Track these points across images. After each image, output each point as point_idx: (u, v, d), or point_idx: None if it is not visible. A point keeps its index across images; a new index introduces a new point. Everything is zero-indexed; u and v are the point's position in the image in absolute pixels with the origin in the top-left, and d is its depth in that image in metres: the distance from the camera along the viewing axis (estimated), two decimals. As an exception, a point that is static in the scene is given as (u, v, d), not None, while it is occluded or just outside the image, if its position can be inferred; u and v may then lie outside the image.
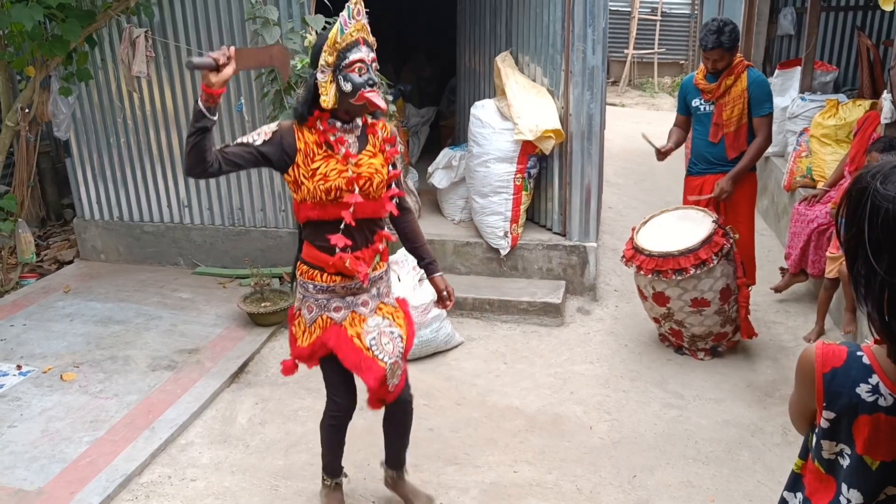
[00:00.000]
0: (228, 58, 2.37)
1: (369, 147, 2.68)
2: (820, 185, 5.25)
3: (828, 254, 4.58)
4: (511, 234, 5.13)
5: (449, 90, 8.38)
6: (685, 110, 4.61)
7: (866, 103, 5.61)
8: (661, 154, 4.57)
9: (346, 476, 3.16)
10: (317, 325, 2.74)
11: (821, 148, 5.65)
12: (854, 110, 5.58)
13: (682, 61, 14.84)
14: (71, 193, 5.97)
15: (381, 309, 2.81)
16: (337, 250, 2.62)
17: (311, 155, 2.57)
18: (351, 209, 2.59)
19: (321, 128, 2.57)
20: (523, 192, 5.07)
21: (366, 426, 3.76)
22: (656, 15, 14.38)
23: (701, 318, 4.24)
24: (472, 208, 5.37)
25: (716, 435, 3.70)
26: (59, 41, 4.70)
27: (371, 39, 2.54)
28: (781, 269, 5.31)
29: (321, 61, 2.49)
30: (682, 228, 4.26)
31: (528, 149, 4.95)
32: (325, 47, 2.47)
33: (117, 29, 5.21)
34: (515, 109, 4.90)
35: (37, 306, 5.08)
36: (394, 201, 2.75)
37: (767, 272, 5.38)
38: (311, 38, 4.08)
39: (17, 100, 5.11)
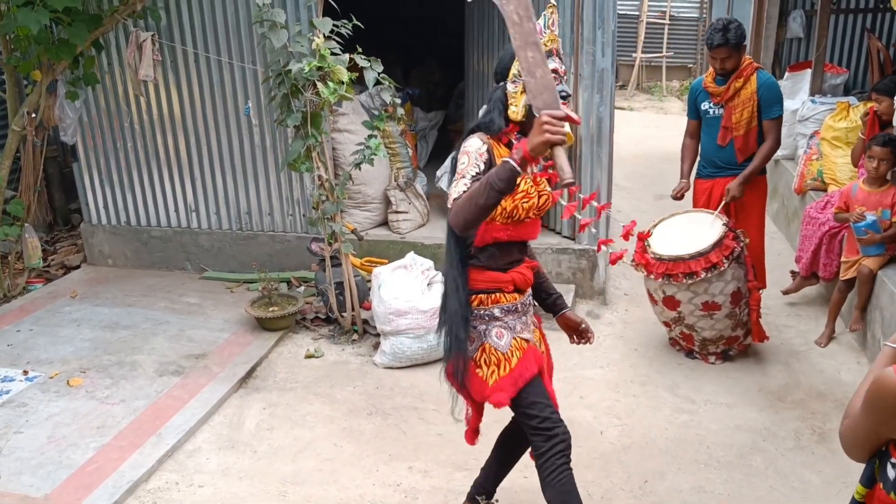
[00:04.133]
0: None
1: (541, 165, 2.52)
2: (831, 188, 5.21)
3: (842, 259, 4.54)
4: (519, 237, 5.09)
5: (457, 94, 8.37)
6: (695, 114, 4.56)
7: (877, 106, 5.56)
8: (679, 196, 4.55)
9: None
10: (514, 348, 2.52)
11: (831, 151, 5.59)
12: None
13: (691, 65, 14.78)
14: (78, 198, 5.97)
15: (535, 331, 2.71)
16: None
17: None
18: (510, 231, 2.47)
19: (515, 142, 2.37)
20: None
21: (375, 431, 3.74)
22: (664, 19, 14.33)
23: (712, 322, 4.19)
24: (480, 212, 5.33)
25: (728, 440, 3.66)
26: (65, 45, 4.70)
27: (561, 53, 2.39)
28: (792, 272, 5.26)
29: (513, 70, 2.35)
30: (692, 232, 4.22)
31: (536, 152, 4.91)
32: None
33: (124, 33, 5.20)
34: (524, 112, 4.86)
35: (43, 311, 5.07)
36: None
37: (778, 276, 5.32)
38: (319, 41, 4.06)
39: (24, 104, 5.11)
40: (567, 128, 2.09)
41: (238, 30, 5.10)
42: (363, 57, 4.16)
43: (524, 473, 3.38)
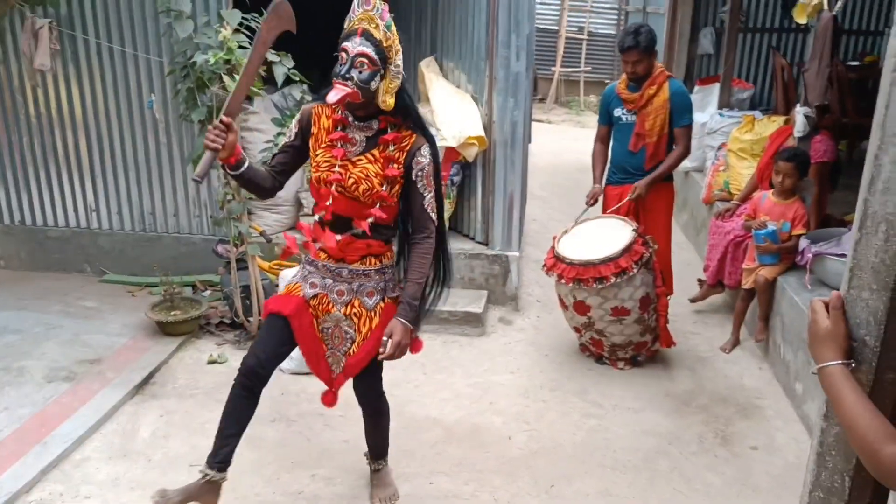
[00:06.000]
0: (224, 125, 2.40)
1: (374, 152, 2.60)
2: (734, 199, 5.35)
3: (744, 266, 4.65)
4: (433, 242, 5.04)
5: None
6: (607, 120, 4.62)
7: (780, 119, 5.76)
8: (592, 201, 4.59)
9: (225, 478, 2.79)
10: (287, 288, 2.82)
11: (738, 162, 5.77)
12: (769, 125, 5.72)
13: (608, 80, 15.07)
14: (-33, 195, 5.60)
15: (351, 305, 2.76)
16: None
17: (319, 141, 2.63)
18: (328, 202, 2.63)
19: (339, 112, 2.60)
20: (446, 201, 4.99)
21: (277, 438, 3.61)
22: (583, 34, 14.62)
23: (621, 328, 4.23)
24: (394, 216, 5.26)
25: (634, 444, 3.68)
26: (-47, 30, 4.41)
27: (380, 35, 2.47)
28: (700, 280, 5.37)
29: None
30: (602, 237, 4.26)
31: (451, 156, 4.88)
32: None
33: (20, 19, 4.90)
34: (439, 115, 4.83)
35: (-77, 314, 4.72)
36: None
37: (686, 285, 5.43)
38: (227, 33, 3.92)
39: None
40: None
41: (143, 19, 4.87)
42: (273, 52, 4.03)
43: (430, 479, 3.33)
